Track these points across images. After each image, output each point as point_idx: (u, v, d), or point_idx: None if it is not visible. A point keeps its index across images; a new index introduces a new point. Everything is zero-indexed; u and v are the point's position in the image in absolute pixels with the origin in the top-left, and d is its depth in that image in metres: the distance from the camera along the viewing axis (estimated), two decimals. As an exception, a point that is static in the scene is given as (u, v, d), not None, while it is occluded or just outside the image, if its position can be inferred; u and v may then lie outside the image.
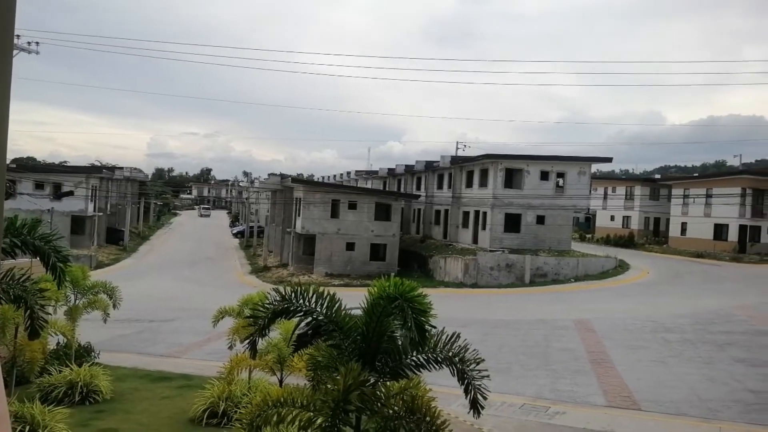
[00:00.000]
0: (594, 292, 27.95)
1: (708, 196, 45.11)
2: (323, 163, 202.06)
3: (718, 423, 9.33)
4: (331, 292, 5.27)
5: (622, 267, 34.96)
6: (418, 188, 49.82)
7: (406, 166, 52.67)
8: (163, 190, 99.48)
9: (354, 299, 5.28)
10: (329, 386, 4.81)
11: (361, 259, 37.90)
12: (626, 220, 55.71)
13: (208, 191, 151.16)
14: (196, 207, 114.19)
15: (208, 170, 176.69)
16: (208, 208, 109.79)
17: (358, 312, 5.27)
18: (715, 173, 69.60)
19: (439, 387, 7.59)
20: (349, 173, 71.35)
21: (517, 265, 32.89)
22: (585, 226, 62.61)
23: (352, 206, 38.51)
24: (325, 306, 5.14)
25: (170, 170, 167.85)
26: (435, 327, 5.08)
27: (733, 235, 43.08)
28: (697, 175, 73.11)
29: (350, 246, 37.92)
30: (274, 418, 4.80)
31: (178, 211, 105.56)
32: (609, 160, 43.14)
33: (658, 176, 76.80)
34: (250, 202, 72.43)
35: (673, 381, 11.93)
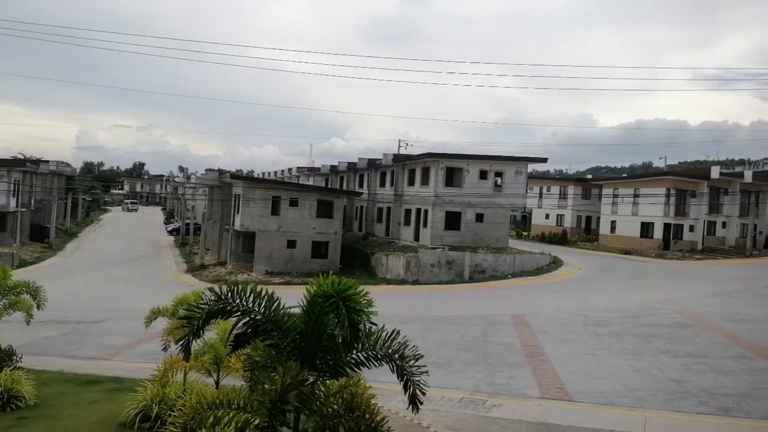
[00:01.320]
0: (530, 288, 28.85)
1: (635, 195, 47.51)
2: (264, 158, 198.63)
3: (644, 411, 9.82)
4: (270, 291, 5.18)
5: (555, 263, 36.27)
6: (361, 186, 49.83)
7: (349, 163, 52.55)
8: (92, 185, 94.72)
9: (295, 298, 5.20)
10: (267, 386, 4.73)
11: (302, 256, 37.52)
12: (560, 218, 57.84)
13: (141, 186, 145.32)
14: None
15: (141, 165, 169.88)
16: (135, 203, 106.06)
17: (298, 311, 5.20)
18: (642, 174, 73.35)
19: (380, 384, 7.63)
20: (290, 169, 70.43)
21: (457, 262, 33.49)
22: (521, 223, 64.58)
23: (294, 203, 38.04)
24: (263, 305, 5.05)
25: (100, 164, 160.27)
26: (375, 324, 5.09)
27: (658, 232, 45.57)
28: (625, 175, 76.85)
29: (291, 243, 37.46)
30: (210, 420, 4.66)
31: (108, 207, 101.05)
32: (544, 160, 44.67)
33: (589, 176, 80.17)
34: (186, 198, 70.20)
35: (603, 372, 12.48)
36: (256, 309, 5.11)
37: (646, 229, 46.53)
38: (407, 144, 60.20)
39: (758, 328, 17.46)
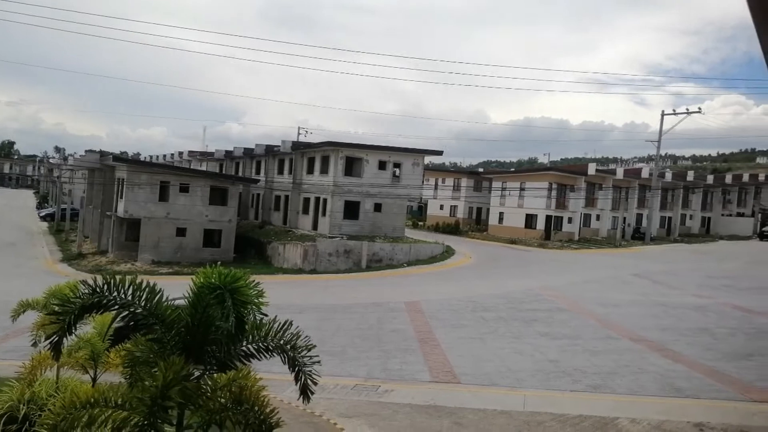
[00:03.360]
0: (424, 276, 29.77)
1: (521, 189, 50.50)
2: (151, 141, 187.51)
3: (524, 391, 10.50)
4: (152, 283, 4.88)
5: (448, 252, 37.69)
6: (258, 172, 48.60)
7: (245, 149, 51.04)
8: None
9: (184, 288, 4.95)
10: (147, 383, 4.47)
11: (193, 245, 35.95)
12: (453, 209, 60.14)
13: (11, 168, 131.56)
14: None
15: (11, 143, 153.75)
16: None
17: (183, 303, 4.96)
18: (527, 169, 77.99)
19: (273, 375, 7.49)
20: (181, 153, 67.12)
21: (355, 251, 33.75)
22: (418, 214, 66.41)
23: (184, 189, 36.27)
24: (144, 298, 4.74)
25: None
26: (266, 315, 4.97)
27: (540, 223, 48.82)
28: (513, 170, 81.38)
29: (181, 231, 35.74)
30: (84, 420, 4.33)
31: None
32: (440, 153, 46.18)
33: (481, 170, 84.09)
34: (63, 181, 64.51)
35: (489, 355, 13.17)
36: (137, 302, 4.80)
37: (530, 220, 49.68)
38: (307, 131, 59.76)
39: (625, 311, 19.27)
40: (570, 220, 49.98)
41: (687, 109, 50.93)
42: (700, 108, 52.03)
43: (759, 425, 8.59)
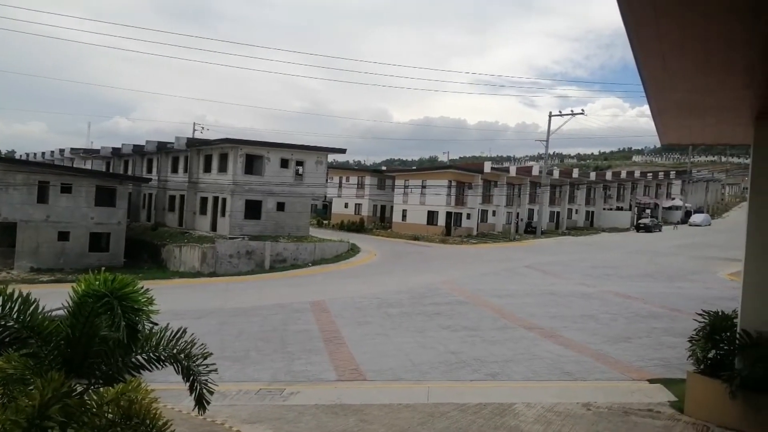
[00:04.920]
0: (329, 275, 29.65)
1: (423, 187, 51.82)
2: (28, 137, 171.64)
3: (427, 383, 10.74)
4: (26, 293, 4.42)
5: (353, 250, 37.85)
6: (150, 171, 46.01)
7: (135, 146, 48.11)
8: None
9: (67, 297, 4.52)
10: (22, 402, 4.04)
11: (78, 250, 33.35)
12: (358, 207, 60.49)
13: None
14: None
15: None
16: None
17: (63, 313, 4.54)
18: (429, 167, 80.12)
19: (170, 384, 7.09)
20: (62, 151, 62.01)
21: (258, 252, 32.92)
22: (322, 212, 66.07)
23: (67, 189, 33.54)
24: (16, 309, 4.29)
25: None
26: (157, 324, 4.68)
27: (441, 220, 50.38)
28: (415, 168, 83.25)
29: (64, 236, 33.02)
30: (-56, 452, 3.83)
31: None
32: (343, 151, 46.21)
33: (384, 168, 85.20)
34: None
35: (394, 350, 13.34)
36: (8, 314, 4.33)
37: (432, 217, 51.13)
38: (203, 128, 57.33)
39: (519, 302, 20.33)
40: (469, 216, 52.02)
41: (572, 111, 54.80)
42: (583, 110, 56.17)
43: (638, 401, 9.38)
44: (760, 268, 8.07)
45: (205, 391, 4.43)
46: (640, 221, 67.86)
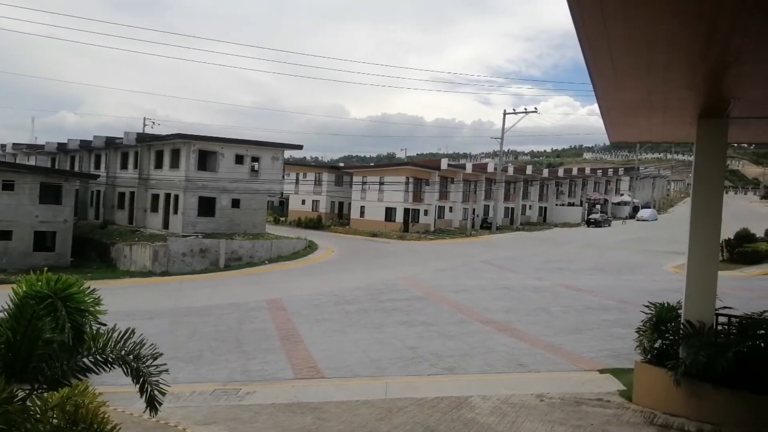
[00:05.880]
0: (286, 272, 29.35)
1: (381, 183, 51.94)
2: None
3: (385, 379, 10.77)
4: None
5: (311, 247, 37.59)
6: (98, 167, 44.46)
7: (82, 141, 46.36)
8: None
9: (6, 298, 4.30)
10: (-43, 412, 3.83)
11: (21, 249, 31.92)
12: (315, 203, 60.08)
13: None
14: None
15: None
16: None
17: (2, 315, 4.33)
18: (386, 163, 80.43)
19: (121, 387, 6.88)
20: (4, 146, 59.20)
21: (212, 250, 32.28)
22: (279, 209, 65.31)
23: (8, 186, 32.03)
24: (-51, 312, 4.06)
25: None
26: (104, 325, 4.52)
27: (399, 216, 50.61)
28: (373, 164, 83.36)
29: (5, 235, 31.54)
30: None
31: None
32: (300, 147, 45.76)
33: (342, 164, 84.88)
34: None
35: (351, 347, 13.33)
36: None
37: (390, 213, 51.29)
38: (154, 122, 55.74)
39: (475, 296, 20.64)
40: (426, 213, 52.44)
41: (525, 109, 55.92)
42: (536, 108, 57.41)
43: (589, 391, 9.68)
44: (703, 261, 8.45)
45: (156, 392, 4.30)
46: (590, 216, 69.98)
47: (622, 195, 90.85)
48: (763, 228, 38.22)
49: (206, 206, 36.10)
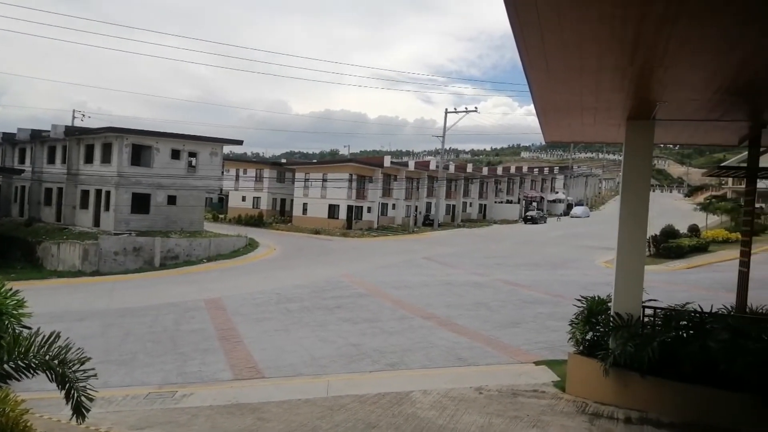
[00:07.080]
0: (225, 271, 28.67)
1: (324, 180, 51.62)
2: None
3: (327, 377, 10.72)
4: None
5: (252, 245, 36.88)
6: (23, 162, 41.98)
7: (5, 134, 43.63)
8: None
9: None
10: None
11: (-65, 249, 29.67)
12: (256, 200, 59.02)
13: None
14: None
15: None
16: None
17: None
18: (329, 160, 79.92)
19: (48, 392, 6.51)
20: None
21: (146, 248, 31.10)
22: (218, 206, 63.68)
23: None
24: None
25: None
26: (29, 328, 4.26)
27: (343, 213, 50.48)
28: (315, 161, 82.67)
29: None
30: None
31: None
32: (240, 142, 44.86)
33: (284, 161, 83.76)
34: None
35: (293, 346, 13.18)
36: None
37: (333, 210, 51.08)
38: (84, 115, 53.09)
39: (417, 292, 20.87)
40: (369, 210, 52.56)
41: (466, 108, 57.00)
42: (476, 107, 58.66)
43: (525, 383, 9.99)
44: (631, 255, 8.88)
45: (83, 398, 4.09)
46: (527, 213, 72.25)
47: (557, 193, 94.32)
48: (687, 224, 40.66)
49: (140, 203, 34.76)
